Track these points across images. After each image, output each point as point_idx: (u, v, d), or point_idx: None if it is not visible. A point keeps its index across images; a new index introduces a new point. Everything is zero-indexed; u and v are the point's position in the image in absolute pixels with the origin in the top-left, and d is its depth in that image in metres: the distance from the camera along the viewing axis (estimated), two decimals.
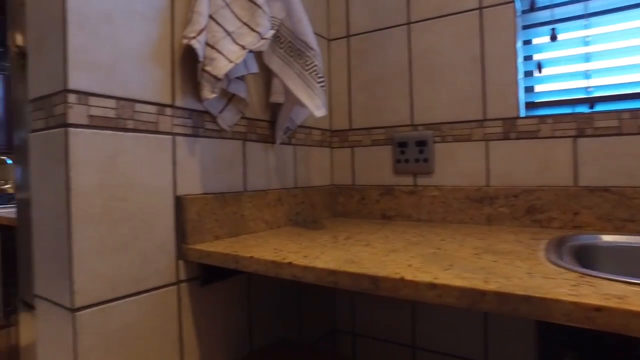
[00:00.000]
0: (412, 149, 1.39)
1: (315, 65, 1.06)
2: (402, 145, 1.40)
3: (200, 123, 0.98)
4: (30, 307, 1.28)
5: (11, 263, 1.45)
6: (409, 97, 1.39)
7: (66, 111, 0.73)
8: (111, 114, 0.80)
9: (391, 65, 1.42)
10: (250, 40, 0.95)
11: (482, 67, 1.25)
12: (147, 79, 0.86)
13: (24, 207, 1.27)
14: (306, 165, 1.37)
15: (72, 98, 0.74)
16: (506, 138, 1.22)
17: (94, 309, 0.77)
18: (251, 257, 0.80)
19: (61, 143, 0.74)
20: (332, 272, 0.71)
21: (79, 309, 0.74)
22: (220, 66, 0.90)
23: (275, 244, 0.93)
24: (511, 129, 1.21)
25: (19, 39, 1.26)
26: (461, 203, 1.29)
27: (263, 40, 0.96)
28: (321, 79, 1.06)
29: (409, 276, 0.65)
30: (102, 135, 0.78)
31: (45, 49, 0.78)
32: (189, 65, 0.96)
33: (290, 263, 0.75)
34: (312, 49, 1.07)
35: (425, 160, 1.37)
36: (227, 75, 0.97)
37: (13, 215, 1.47)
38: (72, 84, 0.74)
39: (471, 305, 0.57)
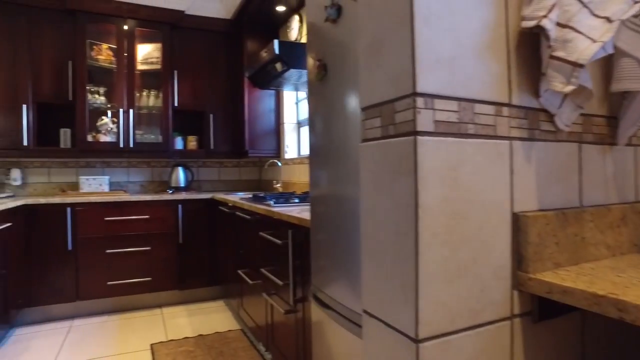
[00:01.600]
0: None
1: None
2: None
3: (536, 123, 0.80)
4: (320, 302, 1.36)
5: (297, 257, 1.61)
6: None
7: (415, 117, 0.65)
8: (453, 117, 0.69)
9: None
10: (619, 8, 0.71)
11: None
12: (484, 74, 0.73)
13: (317, 210, 1.35)
14: None
15: (420, 102, 0.66)
16: None
17: (434, 341, 0.68)
18: None
19: (407, 153, 0.67)
20: None
21: (422, 340, 0.66)
22: (581, 49, 0.69)
23: None
24: None
25: (320, 53, 1.35)
26: None
27: (637, 5, 0.70)
28: None
29: None
30: (446, 143, 0.68)
31: (384, 51, 0.73)
32: (524, 53, 0.79)
33: None
34: None
35: None
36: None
37: (297, 215, 1.61)
38: (421, 87, 0.66)
39: None
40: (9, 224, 2.41)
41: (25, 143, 2.97)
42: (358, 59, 1.03)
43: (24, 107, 2.97)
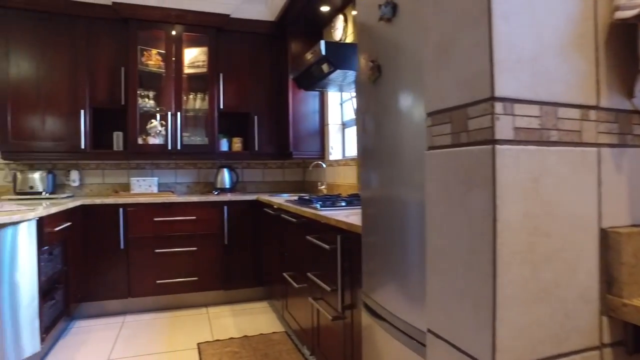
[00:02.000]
0: None
1: None
2: None
3: (628, 128, 0.71)
4: (370, 310, 1.31)
5: (345, 263, 1.56)
6: None
7: (493, 124, 0.59)
8: (535, 124, 0.62)
9: None
10: None
11: None
12: (569, 75, 0.65)
13: (368, 212, 1.30)
14: None
15: (499, 107, 0.59)
16: None
17: None
18: None
19: (483, 163, 0.61)
20: None
21: None
22: None
23: None
24: None
25: (373, 54, 1.30)
26: None
27: None
28: None
29: None
30: (527, 152, 0.61)
31: (454, 51, 0.67)
32: (615, 49, 0.70)
33: None
34: None
35: None
36: None
37: (345, 219, 1.57)
38: (499, 90, 0.59)
39: None
40: (69, 223, 2.53)
41: (82, 146, 3.12)
42: (416, 60, 0.97)
43: (82, 112, 3.12)
